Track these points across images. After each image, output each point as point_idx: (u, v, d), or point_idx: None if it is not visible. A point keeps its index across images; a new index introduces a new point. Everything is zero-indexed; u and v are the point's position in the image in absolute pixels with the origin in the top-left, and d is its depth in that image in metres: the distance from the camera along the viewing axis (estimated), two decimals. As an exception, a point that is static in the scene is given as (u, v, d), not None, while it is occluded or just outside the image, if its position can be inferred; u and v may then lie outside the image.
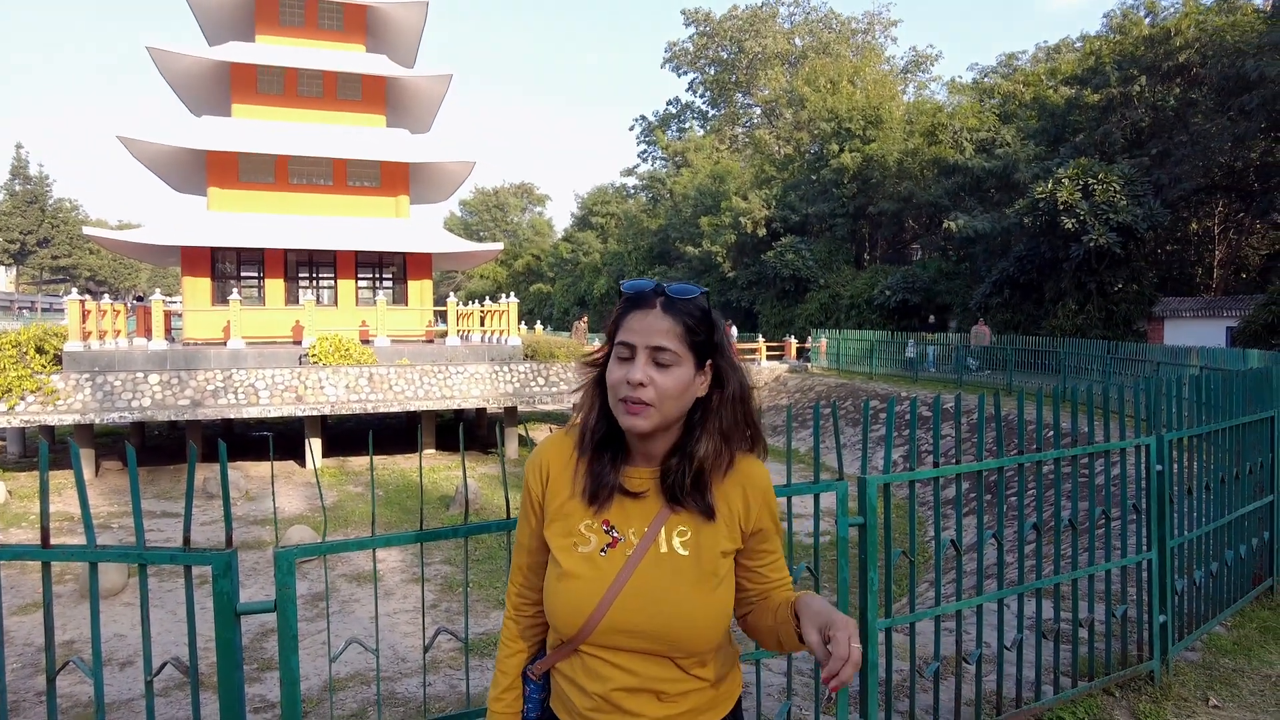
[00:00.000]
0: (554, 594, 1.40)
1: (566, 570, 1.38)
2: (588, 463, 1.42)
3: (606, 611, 1.34)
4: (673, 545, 1.38)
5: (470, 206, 75.48)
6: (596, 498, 1.40)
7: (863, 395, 20.15)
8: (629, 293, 1.39)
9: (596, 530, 1.39)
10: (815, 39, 44.80)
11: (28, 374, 14.74)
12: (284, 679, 2.02)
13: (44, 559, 1.85)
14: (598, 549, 1.38)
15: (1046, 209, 20.16)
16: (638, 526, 1.39)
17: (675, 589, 1.36)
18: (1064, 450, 3.48)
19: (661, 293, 1.37)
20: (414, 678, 7.28)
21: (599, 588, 1.35)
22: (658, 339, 1.32)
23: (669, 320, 1.33)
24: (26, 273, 69.53)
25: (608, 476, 1.40)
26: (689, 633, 1.35)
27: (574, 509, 1.42)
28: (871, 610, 2.84)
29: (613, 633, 1.35)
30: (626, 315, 1.36)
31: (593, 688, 1.37)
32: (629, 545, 1.38)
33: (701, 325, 1.37)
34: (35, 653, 7.36)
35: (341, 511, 13.73)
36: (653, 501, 1.41)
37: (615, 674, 1.36)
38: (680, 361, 1.34)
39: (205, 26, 21.71)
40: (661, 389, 1.32)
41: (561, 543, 1.41)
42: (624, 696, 1.36)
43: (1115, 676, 3.75)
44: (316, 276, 21.31)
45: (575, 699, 1.40)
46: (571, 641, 1.39)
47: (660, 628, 1.34)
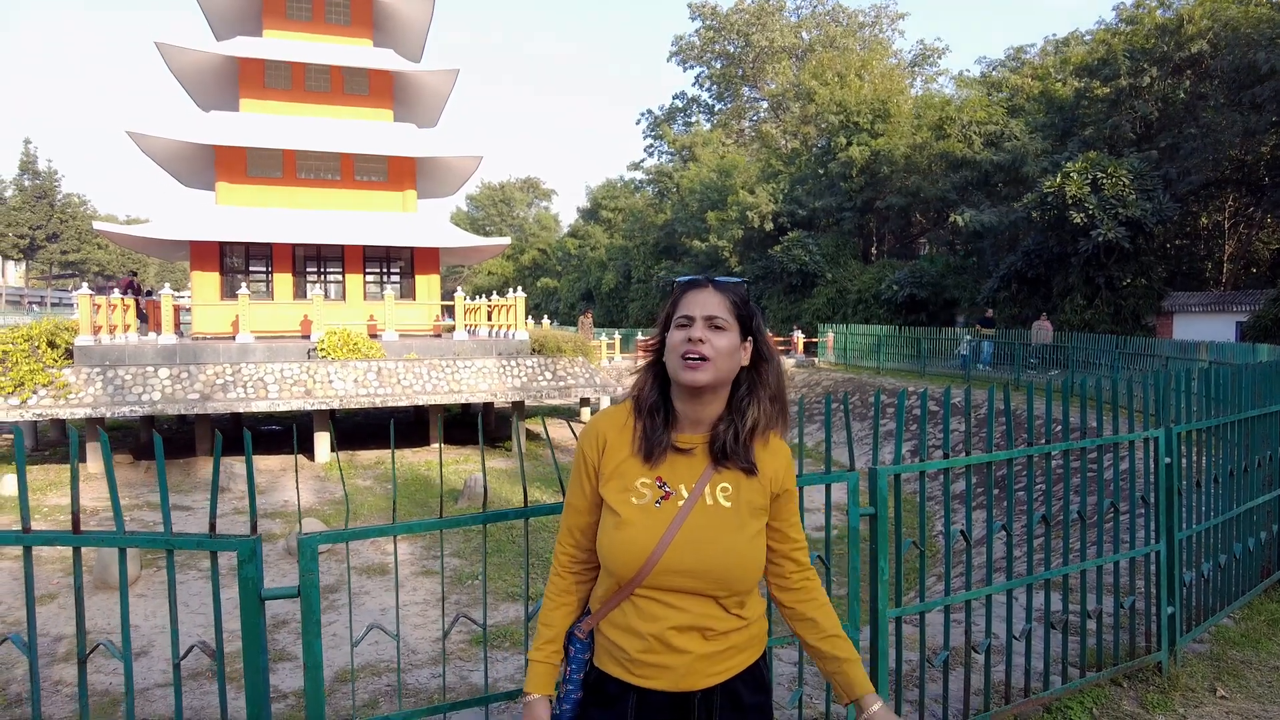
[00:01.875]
0: (613, 542, 1.57)
1: (625, 519, 1.57)
2: (643, 426, 1.63)
3: (663, 553, 1.54)
4: (717, 498, 1.59)
5: (477, 201, 75.51)
6: (651, 455, 1.60)
7: (871, 390, 20.14)
8: (685, 281, 1.66)
9: (651, 486, 1.60)
10: (822, 32, 44.62)
11: (39, 368, 14.87)
12: (307, 663, 2.06)
13: (75, 544, 1.89)
14: (653, 501, 1.58)
15: (1055, 203, 20.09)
16: (687, 482, 1.60)
17: (720, 535, 1.56)
18: (1072, 443, 3.51)
19: (711, 279, 1.64)
20: (425, 669, 7.34)
21: (655, 534, 1.55)
22: (712, 309, 1.57)
23: (720, 296, 1.60)
24: (36, 268, 69.91)
25: (661, 435, 1.61)
26: (732, 572, 1.56)
27: (630, 468, 1.62)
28: (882, 600, 2.87)
29: (667, 573, 1.54)
30: (684, 295, 1.62)
31: (646, 628, 1.55)
32: (680, 498, 1.58)
33: (744, 304, 1.63)
34: (51, 642, 7.45)
35: (351, 505, 13.81)
36: (699, 461, 1.61)
37: (667, 613, 1.55)
38: (730, 329, 1.58)
39: (213, 21, 21.77)
40: (717, 348, 1.55)
41: (619, 497, 1.60)
42: (674, 635, 1.54)
43: (1123, 667, 3.78)
44: (324, 271, 21.38)
45: (627, 644, 1.57)
46: (629, 585, 1.56)
47: (709, 567, 1.54)
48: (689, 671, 1.55)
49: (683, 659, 1.54)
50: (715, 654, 1.57)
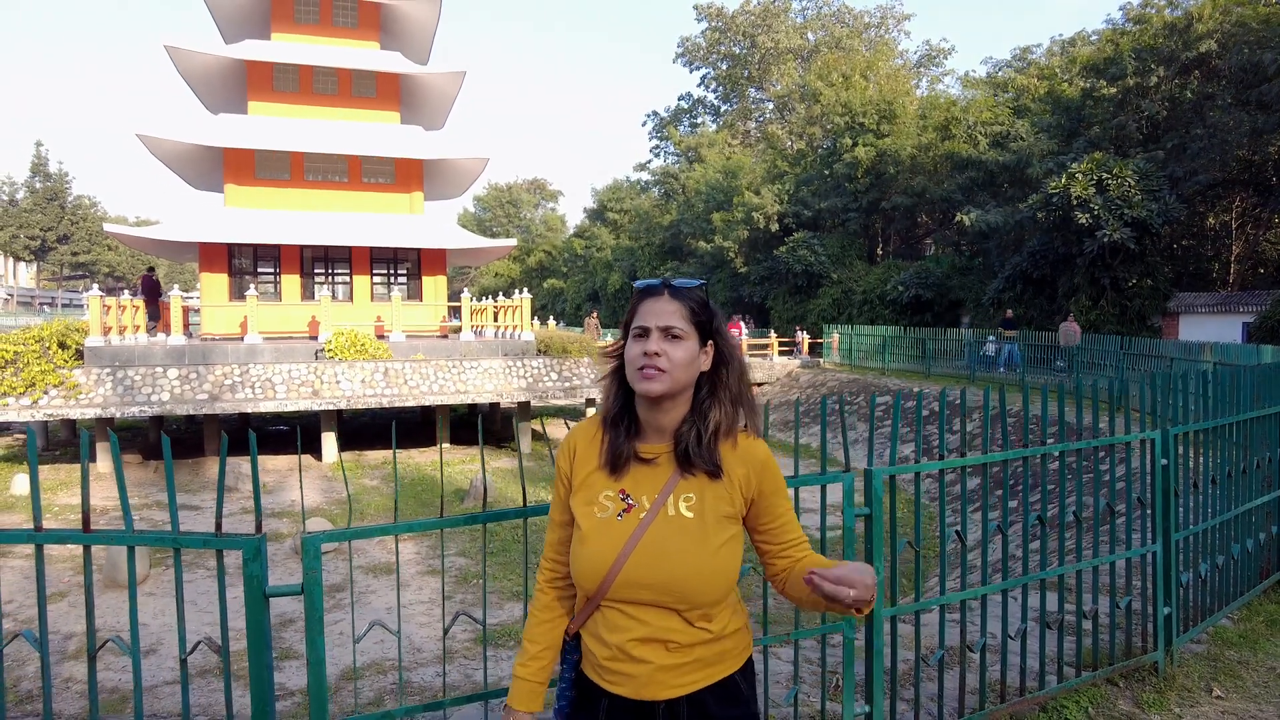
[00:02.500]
0: (577, 555, 1.60)
1: (587, 533, 1.58)
2: (608, 436, 1.63)
3: (622, 567, 1.54)
4: (679, 509, 1.58)
5: (484, 202, 75.72)
6: (615, 465, 1.61)
7: (875, 390, 20.15)
8: (641, 287, 1.63)
9: (614, 498, 1.60)
10: (828, 33, 44.60)
11: (50, 369, 15.00)
12: (310, 660, 2.11)
13: (85, 542, 1.95)
14: (614, 514, 1.58)
15: (1060, 204, 20.05)
16: (649, 493, 1.59)
17: (681, 547, 1.54)
18: (1069, 444, 3.54)
19: (668, 284, 1.60)
20: (429, 667, 7.40)
21: (615, 548, 1.55)
22: (667, 319, 1.55)
23: (675, 303, 1.57)
24: (47, 269, 70.38)
25: (623, 446, 1.61)
26: (692, 586, 1.53)
27: (596, 480, 1.63)
28: (878, 600, 2.91)
29: (627, 586, 1.54)
30: (641, 304, 1.60)
31: (611, 638, 1.56)
32: (642, 509, 1.58)
33: (702, 308, 1.60)
34: (63, 640, 7.54)
35: (358, 505, 13.91)
36: (663, 470, 1.60)
37: (630, 624, 1.55)
38: (687, 337, 1.56)
39: (222, 24, 21.92)
40: (673, 359, 1.53)
41: (584, 510, 1.61)
42: (636, 645, 1.54)
43: (1119, 667, 3.81)
44: (332, 272, 21.50)
45: (596, 651, 1.60)
46: (594, 598, 1.58)
47: (667, 580, 1.53)
48: (649, 681, 1.55)
49: (643, 669, 1.55)
50: (678, 666, 1.56)
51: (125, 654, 2.00)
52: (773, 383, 24.76)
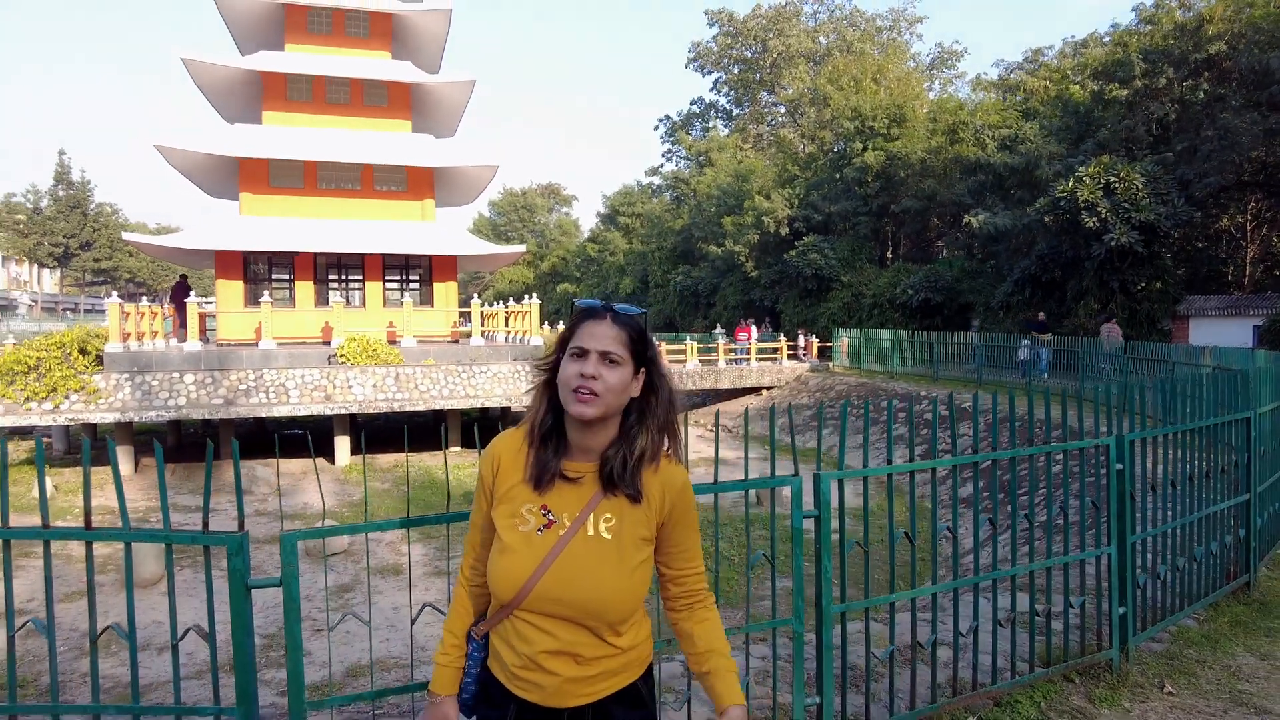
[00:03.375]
0: (495, 565, 1.67)
1: (507, 545, 1.65)
2: (535, 451, 1.68)
3: (537, 582, 1.61)
4: (599, 530, 1.65)
5: (499, 207, 76.23)
6: (540, 481, 1.65)
7: (883, 394, 20.23)
8: (584, 307, 1.68)
9: (536, 513, 1.65)
10: (839, 37, 44.67)
11: (72, 374, 15.43)
12: (289, 645, 2.34)
13: (87, 539, 2.19)
14: (535, 529, 1.64)
15: (1067, 207, 20.07)
16: (571, 511, 1.65)
17: (597, 568, 1.62)
18: (1020, 450, 3.71)
19: (610, 309, 1.66)
20: (430, 667, 7.64)
21: (533, 562, 1.62)
22: (607, 344, 1.60)
23: (617, 329, 1.62)
24: (70, 275, 71.61)
25: (550, 463, 1.66)
26: (604, 605, 1.62)
27: (519, 493, 1.68)
28: (826, 595, 3.10)
29: (541, 600, 1.62)
30: (581, 324, 1.65)
31: (521, 649, 1.64)
32: (562, 527, 1.64)
33: (640, 337, 1.66)
34: (80, 638, 7.84)
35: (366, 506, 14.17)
36: (587, 489, 1.67)
37: (541, 638, 1.62)
38: (624, 363, 1.61)
39: (237, 36, 22.38)
40: (608, 383, 1.59)
41: (506, 522, 1.67)
42: (546, 658, 1.62)
43: (1074, 664, 3.97)
44: (345, 279, 21.88)
45: (507, 658, 1.67)
46: (508, 606, 1.65)
47: (580, 598, 1.61)
48: (558, 691, 1.63)
49: (553, 680, 1.62)
50: (586, 678, 1.63)
51: (123, 639, 2.23)
52: (781, 386, 24.89)
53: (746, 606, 2.99)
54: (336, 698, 2.49)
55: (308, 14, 21.43)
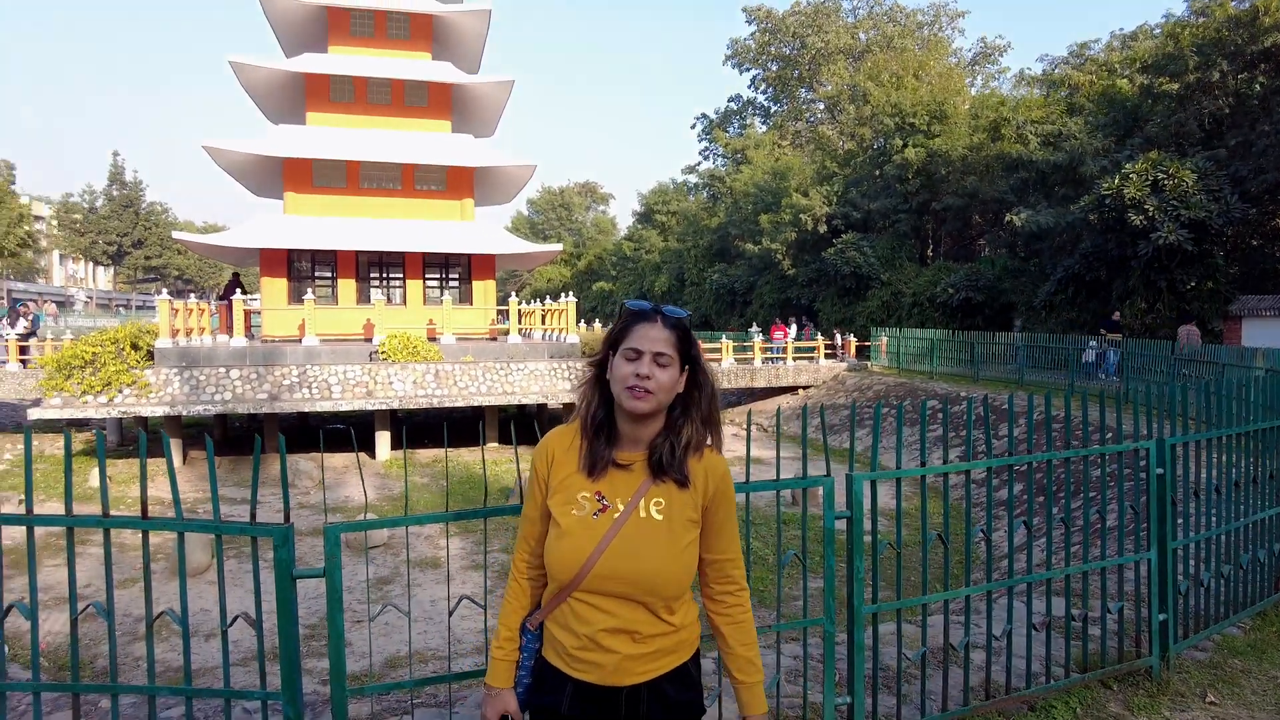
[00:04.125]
0: (554, 549, 1.76)
1: (566, 529, 1.75)
2: (588, 443, 1.81)
3: (596, 561, 1.71)
4: (650, 512, 1.76)
5: (537, 206, 76.80)
6: (594, 470, 1.78)
7: (921, 395, 19.98)
8: (635, 310, 1.81)
9: (591, 499, 1.77)
10: (879, 33, 44.13)
11: (124, 368, 15.94)
12: (331, 634, 2.43)
13: (143, 528, 2.29)
14: (591, 513, 1.76)
15: (1113, 205, 19.60)
16: (624, 496, 1.77)
17: (650, 546, 1.73)
18: (1057, 453, 3.67)
19: (660, 311, 1.79)
20: (469, 658, 7.78)
21: (591, 543, 1.73)
22: (660, 345, 1.73)
23: (667, 331, 1.75)
24: (123, 272, 73.79)
25: (603, 453, 1.79)
26: (659, 581, 1.73)
27: (574, 482, 1.80)
28: (857, 596, 3.11)
29: (600, 579, 1.72)
30: (633, 326, 1.77)
31: (580, 629, 1.73)
32: (616, 510, 1.75)
33: (686, 337, 1.79)
34: (133, 623, 8.12)
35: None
36: (637, 476, 1.79)
37: (599, 616, 1.73)
38: (673, 363, 1.74)
39: (282, 38, 22.86)
40: (660, 382, 1.72)
41: (563, 509, 1.78)
42: (605, 636, 1.72)
43: (1112, 670, 3.91)
44: (386, 277, 22.24)
45: (565, 640, 1.76)
46: (567, 588, 1.75)
47: (636, 574, 1.71)
48: (617, 669, 1.72)
49: (612, 658, 1.71)
50: (643, 655, 1.73)
51: (176, 625, 2.33)
52: (818, 386, 24.70)
53: (778, 605, 3.01)
54: (376, 685, 2.58)
55: (350, 16, 21.80)
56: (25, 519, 2.32)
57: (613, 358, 1.78)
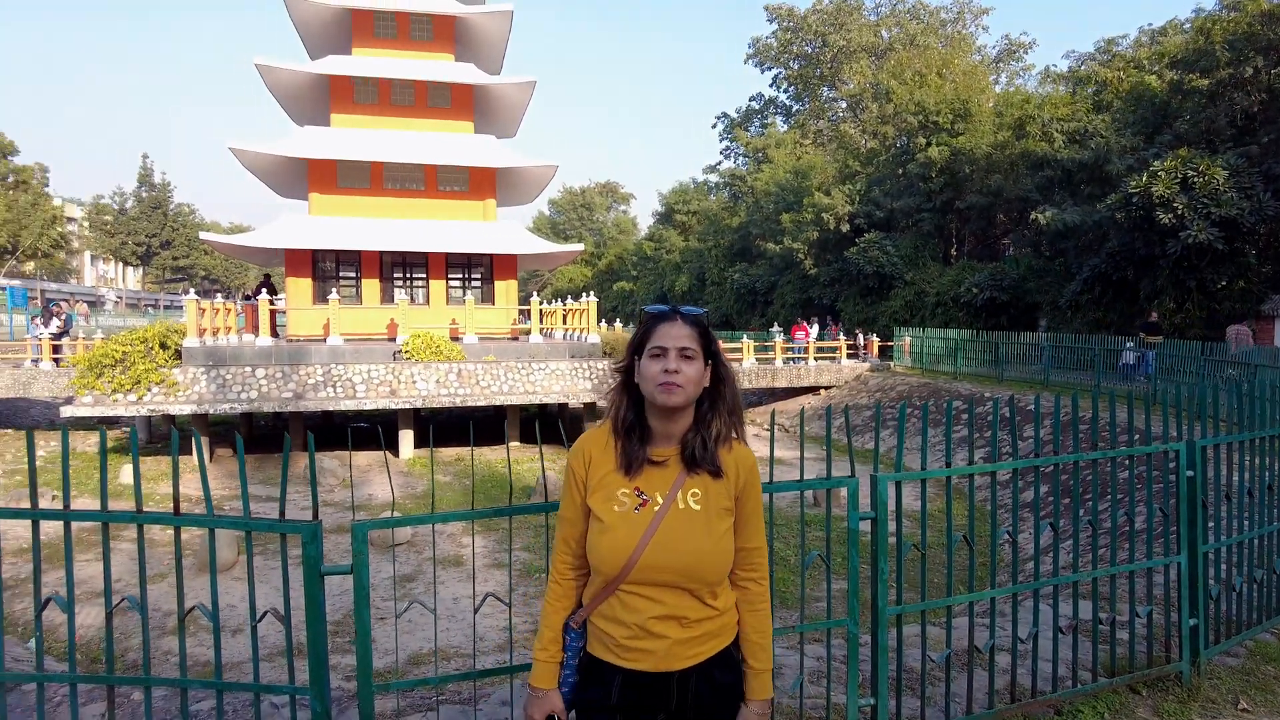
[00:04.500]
0: (599, 544, 1.82)
1: (609, 525, 1.82)
2: (622, 443, 1.88)
3: (642, 553, 1.78)
4: (688, 503, 1.84)
5: (558, 206, 77.04)
6: (630, 468, 1.85)
7: (945, 395, 19.82)
8: (655, 313, 1.89)
9: (630, 495, 1.84)
10: (902, 30, 43.76)
11: (153, 367, 16.20)
12: (358, 630, 2.46)
13: (175, 524, 2.34)
14: (631, 508, 1.83)
15: (1140, 203, 19.30)
16: (661, 490, 1.84)
17: (691, 535, 1.81)
18: (1084, 454, 3.63)
19: (678, 311, 1.87)
20: (491, 655, 7.82)
21: (635, 536, 1.79)
22: (683, 341, 1.81)
23: (687, 328, 1.83)
24: (151, 273, 74.93)
25: (638, 451, 1.86)
26: (703, 567, 1.80)
27: (612, 480, 1.86)
28: (881, 597, 3.10)
29: (646, 570, 1.79)
30: (655, 327, 1.85)
31: (630, 619, 1.80)
32: (655, 504, 1.83)
33: (706, 333, 1.87)
34: (162, 617, 8.25)
35: (430, 499, 14.53)
36: (671, 470, 1.86)
37: (648, 605, 1.80)
38: (697, 356, 1.82)
39: (307, 41, 23.11)
40: (688, 375, 1.79)
41: (604, 506, 1.84)
42: (655, 623, 1.79)
43: (1141, 675, 3.86)
44: (410, 277, 22.42)
45: (614, 632, 1.82)
46: (614, 581, 1.81)
47: (682, 563, 1.79)
48: (668, 655, 1.79)
49: (662, 644, 1.79)
50: (691, 639, 1.81)
51: (208, 620, 2.37)
52: (840, 386, 24.57)
53: (801, 606, 3.00)
54: (402, 681, 2.60)
55: (374, 18, 22.00)
56: (63, 514, 2.37)
57: (639, 362, 1.85)
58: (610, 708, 1.83)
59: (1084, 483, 8.36)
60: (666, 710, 1.83)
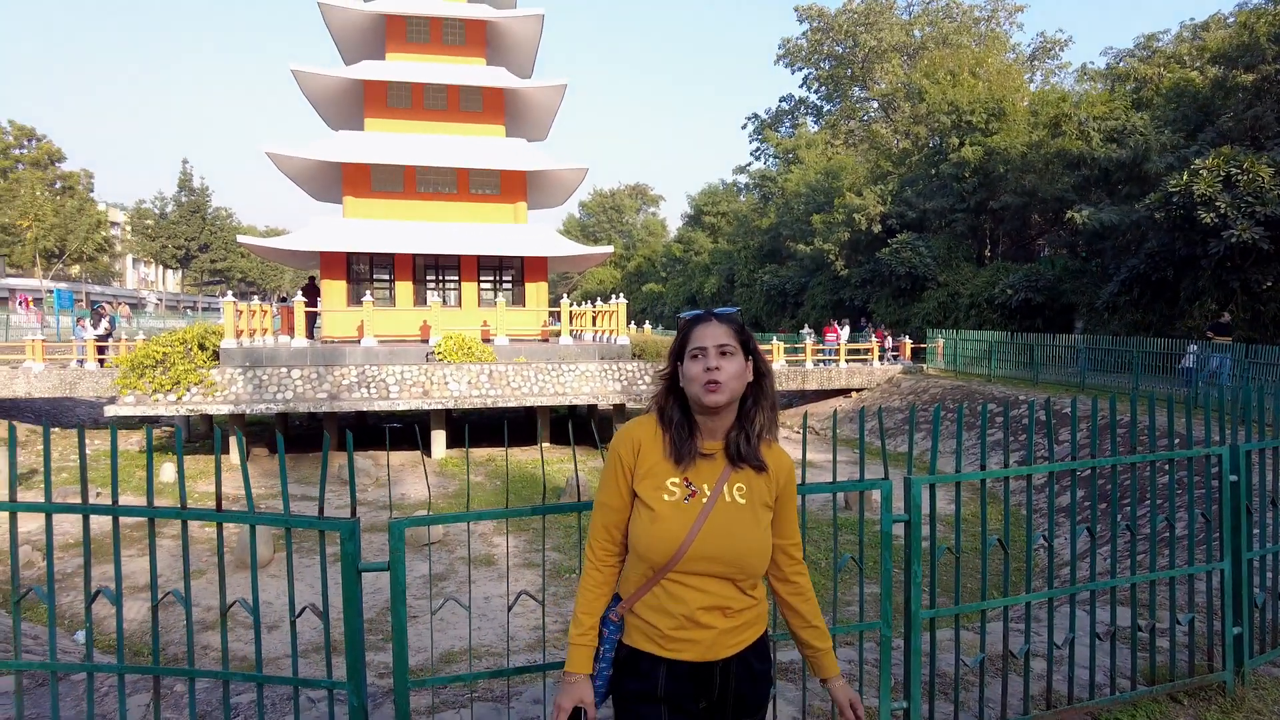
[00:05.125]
0: (649, 533, 1.85)
1: (659, 514, 1.85)
2: (672, 438, 1.92)
3: (692, 542, 1.82)
4: (734, 495, 1.89)
5: (589, 208, 77.35)
6: (681, 459, 1.89)
7: (979, 398, 19.56)
8: (690, 317, 1.96)
9: (680, 485, 1.88)
10: (935, 29, 43.26)
11: (192, 368, 16.54)
12: (394, 627, 2.50)
13: (218, 520, 2.39)
14: (681, 498, 1.87)
15: (1181, 202, 18.89)
16: (708, 481, 1.89)
17: (738, 527, 1.86)
18: (1122, 458, 3.57)
19: (711, 312, 1.94)
20: (522, 654, 7.88)
21: (685, 526, 1.84)
22: (721, 339, 1.86)
23: (724, 327, 1.89)
24: (190, 275, 76.50)
25: (689, 445, 1.90)
26: (748, 558, 1.85)
27: (661, 469, 1.90)
28: (915, 600, 3.07)
29: (695, 560, 1.83)
30: (691, 331, 1.91)
31: (676, 609, 1.83)
32: (704, 495, 1.87)
33: (742, 329, 1.92)
34: (203, 612, 8.43)
35: (462, 498, 14.67)
36: (718, 464, 1.91)
37: (695, 595, 1.84)
38: (736, 353, 1.87)
39: (341, 47, 23.46)
40: (729, 372, 1.84)
41: (653, 495, 1.88)
42: (702, 614, 1.83)
43: (1182, 684, 3.78)
44: (442, 279, 22.65)
45: (660, 623, 1.85)
46: (661, 571, 1.84)
47: (730, 554, 1.83)
48: (713, 644, 1.84)
49: (709, 633, 1.83)
50: (734, 628, 1.86)
51: (248, 614, 2.43)
52: (872, 389, 24.35)
53: (834, 609, 2.99)
54: (437, 678, 2.64)
55: (407, 24, 22.27)
56: (111, 509, 2.44)
57: (680, 366, 1.92)
58: (655, 699, 1.85)
59: (1122, 487, 8.20)
60: (709, 698, 1.88)
